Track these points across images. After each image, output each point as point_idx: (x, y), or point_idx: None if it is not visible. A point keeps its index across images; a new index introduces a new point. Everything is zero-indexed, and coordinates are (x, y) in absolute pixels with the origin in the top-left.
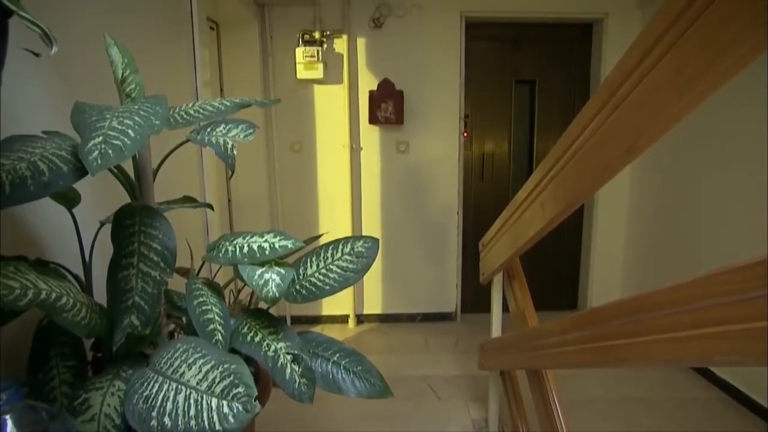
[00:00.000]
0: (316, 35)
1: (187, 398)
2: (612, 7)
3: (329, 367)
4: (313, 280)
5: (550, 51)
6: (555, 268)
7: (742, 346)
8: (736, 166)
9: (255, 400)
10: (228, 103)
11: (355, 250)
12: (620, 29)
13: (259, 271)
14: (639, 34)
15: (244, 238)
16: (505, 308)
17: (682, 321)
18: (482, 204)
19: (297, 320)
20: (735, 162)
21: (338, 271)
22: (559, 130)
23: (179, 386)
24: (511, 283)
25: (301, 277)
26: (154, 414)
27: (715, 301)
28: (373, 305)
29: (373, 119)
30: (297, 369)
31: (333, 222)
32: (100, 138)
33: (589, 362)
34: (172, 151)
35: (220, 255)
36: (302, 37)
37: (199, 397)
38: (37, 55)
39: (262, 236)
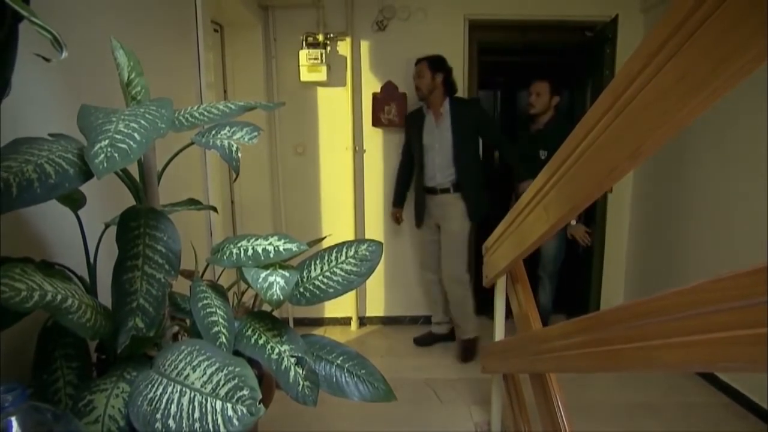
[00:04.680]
0: (320, 38)
1: (191, 400)
2: (616, 10)
3: (333, 370)
4: (317, 283)
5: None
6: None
7: (746, 351)
8: (737, 169)
9: (259, 403)
10: (233, 106)
11: (359, 253)
12: (625, 33)
13: (263, 274)
14: (642, 40)
15: (248, 241)
16: (508, 311)
17: (686, 326)
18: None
19: (299, 322)
20: (736, 164)
21: (342, 274)
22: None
23: (183, 388)
24: (515, 286)
25: (305, 280)
26: (158, 416)
27: (720, 306)
28: (375, 308)
29: (376, 121)
30: (301, 372)
31: (336, 224)
32: (107, 141)
33: (592, 366)
34: (177, 154)
35: (225, 257)
36: (306, 40)
37: (203, 400)
38: (47, 60)
39: (266, 239)
